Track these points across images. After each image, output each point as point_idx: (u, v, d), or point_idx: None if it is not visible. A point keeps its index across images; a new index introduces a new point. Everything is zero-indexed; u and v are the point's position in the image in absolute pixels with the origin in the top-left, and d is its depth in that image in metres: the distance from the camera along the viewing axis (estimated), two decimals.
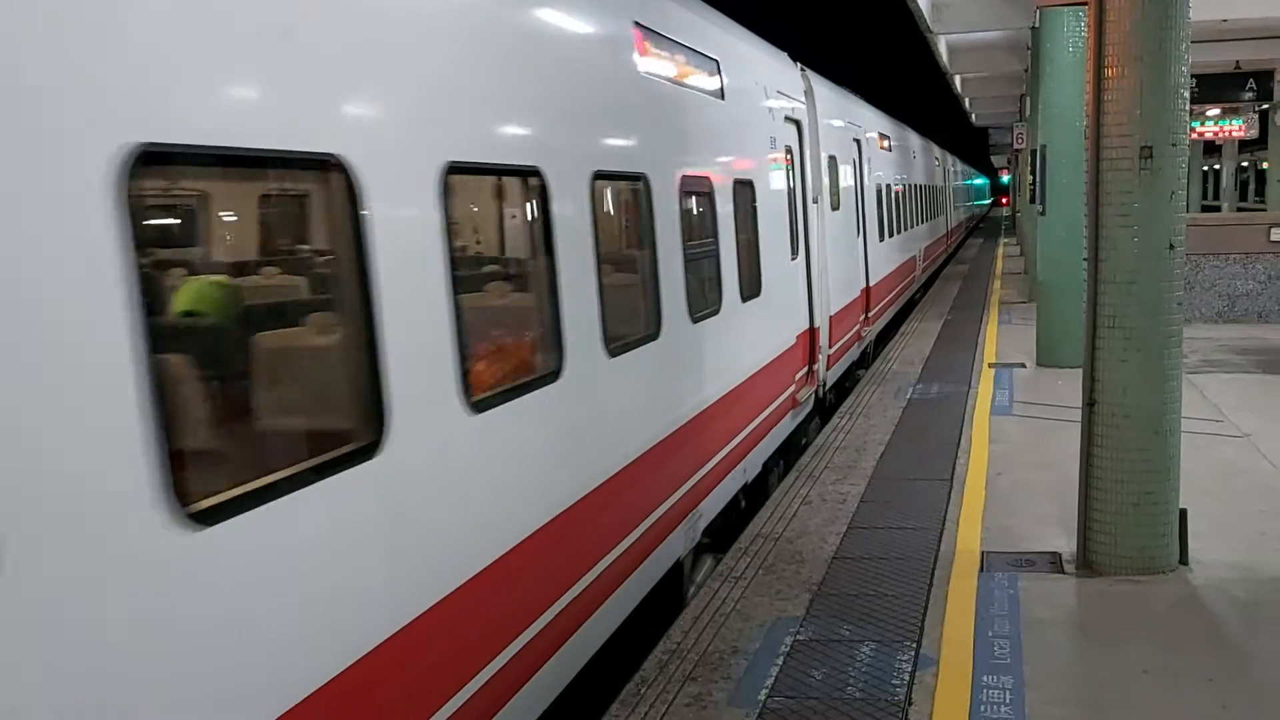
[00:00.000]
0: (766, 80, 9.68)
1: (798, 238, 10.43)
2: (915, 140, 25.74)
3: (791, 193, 10.28)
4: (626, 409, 5.90)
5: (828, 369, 11.73)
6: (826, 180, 12.22)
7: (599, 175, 5.50)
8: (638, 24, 6.29)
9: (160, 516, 2.66)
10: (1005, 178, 73.78)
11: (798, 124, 10.81)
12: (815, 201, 11.42)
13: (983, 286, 25.05)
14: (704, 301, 7.27)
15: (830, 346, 11.79)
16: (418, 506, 3.79)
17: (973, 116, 46.79)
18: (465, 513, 4.13)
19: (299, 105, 3.28)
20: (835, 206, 12.87)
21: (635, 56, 6.21)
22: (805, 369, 10.54)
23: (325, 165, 3.37)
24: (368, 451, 3.49)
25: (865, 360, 15.21)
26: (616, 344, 5.59)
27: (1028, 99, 23.04)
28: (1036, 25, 15.83)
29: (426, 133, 3.98)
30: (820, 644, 5.65)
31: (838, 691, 5.11)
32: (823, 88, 12.79)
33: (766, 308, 8.98)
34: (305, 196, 3.71)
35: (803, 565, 6.82)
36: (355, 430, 3.52)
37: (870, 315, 15.34)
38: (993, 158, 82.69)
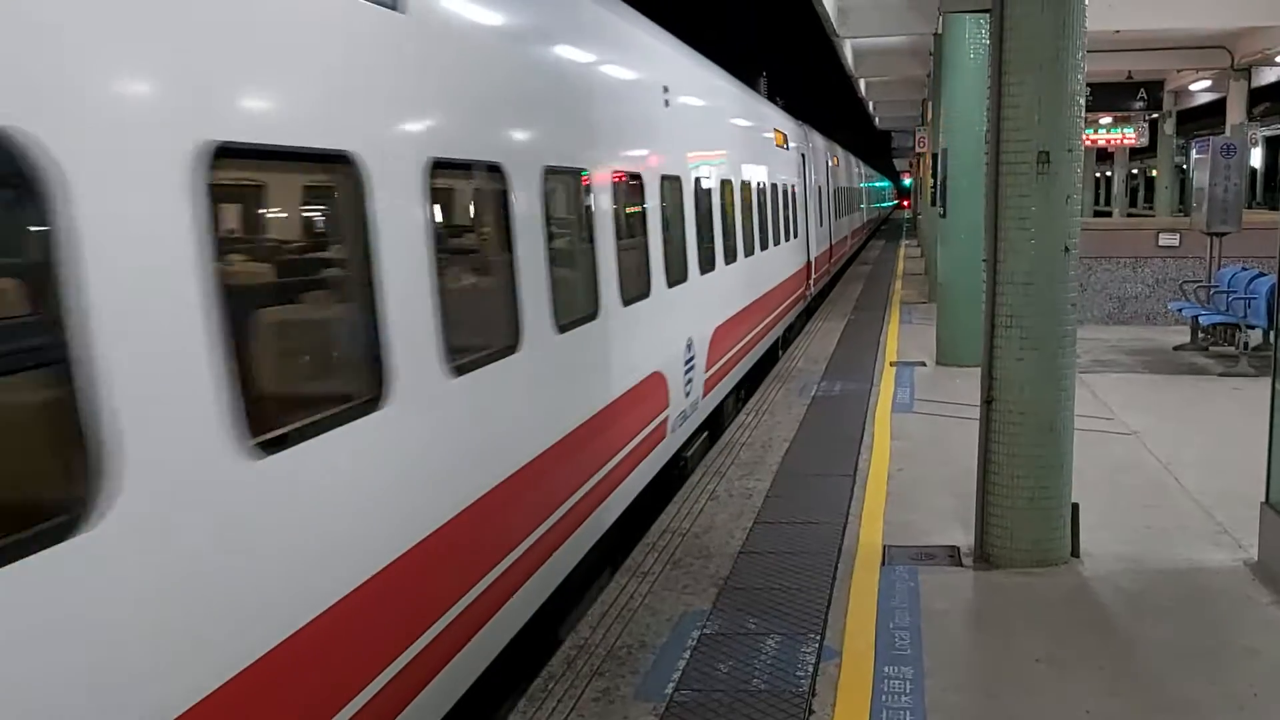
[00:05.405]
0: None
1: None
2: (849, 156, 39.88)
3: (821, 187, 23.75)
4: None
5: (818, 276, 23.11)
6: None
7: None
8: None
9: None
10: (907, 181, 75.22)
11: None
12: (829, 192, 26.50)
13: (885, 287, 25.52)
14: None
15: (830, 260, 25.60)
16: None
17: (876, 120, 47.56)
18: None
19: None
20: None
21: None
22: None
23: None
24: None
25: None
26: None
27: (930, 104, 23.51)
28: (939, 32, 16.18)
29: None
30: (727, 637, 5.72)
31: (744, 684, 5.18)
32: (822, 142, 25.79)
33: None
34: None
35: (710, 560, 6.89)
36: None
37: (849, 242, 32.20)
38: (895, 160, 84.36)
